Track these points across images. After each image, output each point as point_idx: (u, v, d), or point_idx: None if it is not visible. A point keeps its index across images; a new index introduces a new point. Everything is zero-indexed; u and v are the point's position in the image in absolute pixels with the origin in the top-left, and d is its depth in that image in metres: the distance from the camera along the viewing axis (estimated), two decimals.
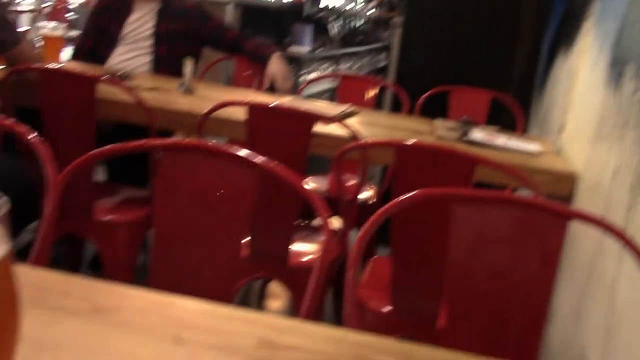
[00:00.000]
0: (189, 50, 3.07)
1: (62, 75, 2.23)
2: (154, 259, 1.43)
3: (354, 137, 1.99)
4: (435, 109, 3.04)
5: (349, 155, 1.89)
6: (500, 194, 1.43)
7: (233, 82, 3.61)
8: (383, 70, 7.35)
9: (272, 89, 3.05)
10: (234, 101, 1.92)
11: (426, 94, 3.21)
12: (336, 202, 2.09)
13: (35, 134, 1.33)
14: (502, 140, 2.35)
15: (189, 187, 1.36)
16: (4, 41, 2.28)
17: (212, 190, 1.34)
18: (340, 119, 2.15)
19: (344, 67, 6.60)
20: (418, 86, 3.28)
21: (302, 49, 5.33)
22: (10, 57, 2.41)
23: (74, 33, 3.74)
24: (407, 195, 1.28)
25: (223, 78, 4.20)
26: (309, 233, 2.29)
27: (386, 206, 1.29)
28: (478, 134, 2.38)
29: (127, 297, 0.88)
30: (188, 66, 2.69)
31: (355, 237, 1.23)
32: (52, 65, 2.57)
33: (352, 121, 2.38)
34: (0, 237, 0.45)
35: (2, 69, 2.71)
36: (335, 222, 2.85)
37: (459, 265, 1.32)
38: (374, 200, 2.89)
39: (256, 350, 0.78)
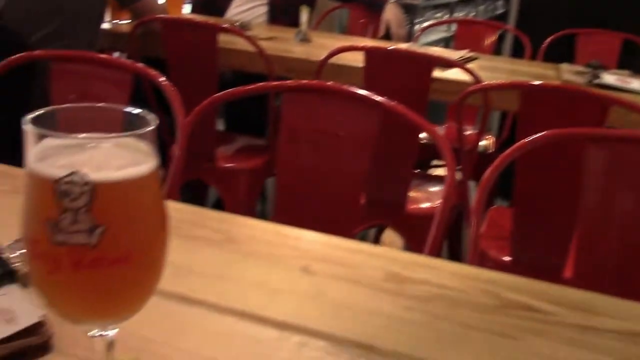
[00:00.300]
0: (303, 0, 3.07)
1: (185, 25, 2.29)
2: (275, 204, 1.45)
3: (475, 81, 1.92)
4: (560, 54, 2.86)
5: (470, 101, 1.83)
6: None
7: (347, 30, 3.58)
8: (501, 18, 7.01)
9: (387, 37, 3.00)
10: (351, 46, 1.90)
11: (550, 38, 3.04)
12: (454, 151, 2.04)
13: (164, 78, 1.38)
14: (638, 84, 2.18)
15: (310, 130, 1.37)
16: None
17: (333, 132, 1.34)
18: (461, 62, 2.08)
19: (459, 15, 6.36)
20: (541, 30, 3.10)
21: None
22: (135, 10, 2.51)
23: None
24: (535, 136, 1.22)
25: (337, 27, 4.17)
26: (425, 181, 2.26)
27: (512, 148, 1.23)
28: (609, 77, 2.22)
29: (258, 229, 0.91)
30: (304, 15, 2.68)
31: (472, 188, 1.19)
32: (175, 16, 2.65)
33: (471, 66, 2.29)
34: (149, 151, 0.46)
35: (128, 22, 2.84)
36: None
37: (591, 212, 1.25)
38: (492, 150, 2.79)
39: (384, 282, 0.77)
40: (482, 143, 2.79)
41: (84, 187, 0.42)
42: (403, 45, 2.75)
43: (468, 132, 2.47)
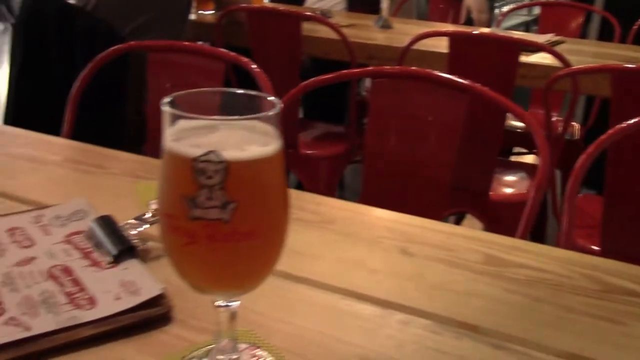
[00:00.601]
0: None
1: (269, 13, 2.34)
2: (362, 190, 1.47)
3: (563, 65, 1.87)
4: None
5: (557, 86, 1.79)
6: None
7: (426, 17, 3.54)
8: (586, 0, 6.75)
9: (468, 23, 2.96)
10: (436, 31, 1.90)
11: None
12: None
13: (256, 65, 1.42)
14: None
15: (398, 116, 1.38)
16: None
17: (421, 117, 1.35)
18: (548, 45, 2.03)
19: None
20: (631, 11, 2.98)
21: None
22: (219, 1, 2.57)
23: None
24: (632, 121, 1.19)
25: (415, 14, 4.14)
26: (507, 168, 2.22)
27: (608, 133, 1.21)
28: None
29: (355, 212, 0.93)
30: (385, 1, 2.68)
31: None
32: (260, 5, 2.70)
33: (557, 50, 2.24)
34: (275, 133, 0.49)
35: (212, 13, 2.91)
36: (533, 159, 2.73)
37: None
38: (577, 137, 2.72)
39: (483, 265, 0.78)
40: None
41: (219, 165, 0.46)
42: (486, 30, 2.71)
43: (553, 119, 2.41)
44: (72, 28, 2.18)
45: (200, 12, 2.89)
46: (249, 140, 0.48)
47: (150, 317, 0.65)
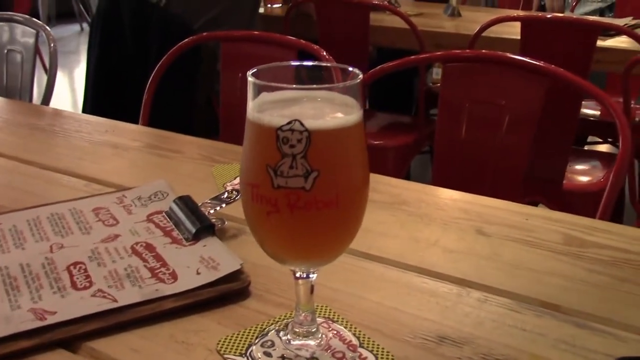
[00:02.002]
0: None
1: (337, 4, 2.34)
2: (432, 178, 1.46)
3: None
4: None
5: (637, 70, 1.72)
6: None
7: (496, 5, 3.47)
8: None
9: (542, 9, 2.88)
10: (507, 16, 1.86)
11: None
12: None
13: (325, 53, 1.43)
14: None
15: (469, 101, 1.36)
16: None
17: (493, 103, 1.33)
18: (628, 29, 1.96)
19: None
20: None
21: None
22: None
23: None
24: None
25: (484, 2, 4.07)
26: (581, 157, 2.16)
27: None
28: None
29: (428, 193, 0.93)
30: None
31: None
32: None
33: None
34: (355, 104, 0.49)
35: (280, 6, 2.95)
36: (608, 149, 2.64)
37: None
38: None
39: (563, 245, 0.77)
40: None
41: (302, 134, 0.46)
42: (559, 15, 2.63)
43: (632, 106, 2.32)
44: (147, 23, 2.25)
45: (268, 5, 2.93)
46: (330, 110, 0.49)
47: (229, 291, 0.66)
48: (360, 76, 0.49)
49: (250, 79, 0.49)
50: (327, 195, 0.48)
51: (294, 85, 0.49)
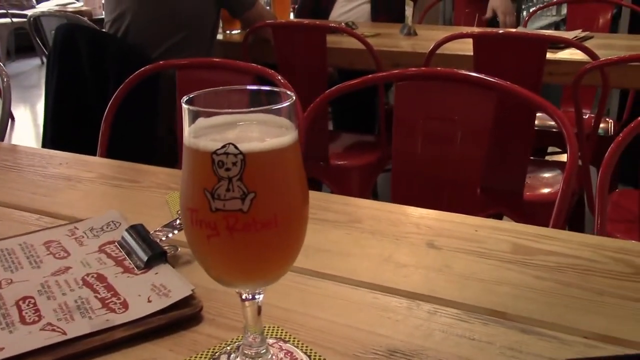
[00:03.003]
0: None
1: (294, 28, 2.37)
2: (391, 194, 1.48)
3: (592, 59, 1.85)
4: None
5: (587, 80, 1.77)
6: None
7: (452, 22, 3.54)
8: None
9: (493, 24, 2.95)
10: (459, 34, 1.90)
11: None
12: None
13: (281, 77, 1.44)
14: None
15: (423, 118, 1.38)
16: (241, 2, 2.49)
17: (446, 118, 1.35)
18: (576, 41, 2.01)
19: None
20: None
21: None
22: (246, 20, 2.62)
23: None
24: None
25: (441, 20, 4.14)
26: (541, 168, 2.20)
27: (637, 120, 1.19)
28: None
29: (381, 210, 0.94)
30: (409, 8, 2.69)
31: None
32: (285, 21, 2.74)
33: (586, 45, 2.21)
34: (289, 125, 0.50)
35: (238, 32, 2.97)
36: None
37: None
38: (612, 133, 2.67)
39: (511, 254, 0.78)
40: (601, 127, 2.67)
41: (237, 157, 0.47)
42: (511, 30, 2.70)
43: (585, 116, 2.38)
44: (104, 54, 2.24)
45: (227, 31, 2.95)
46: (265, 133, 0.50)
47: (181, 317, 0.66)
48: (293, 98, 0.50)
49: (184, 105, 0.50)
50: (265, 216, 0.49)
51: (229, 110, 0.49)
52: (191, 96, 0.52)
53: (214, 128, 0.50)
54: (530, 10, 3.81)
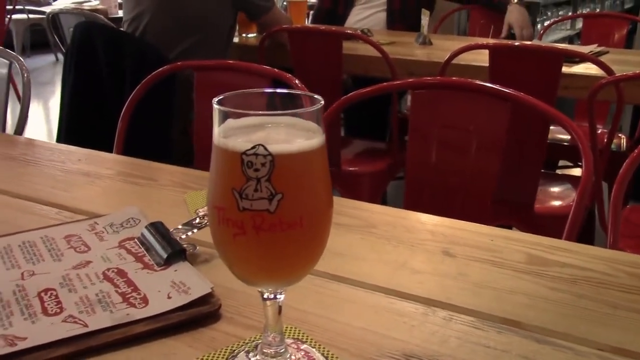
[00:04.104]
0: (421, 4, 3.09)
1: (310, 33, 2.38)
2: (404, 202, 1.48)
3: (607, 74, 1.86)
4: None
5: (601, 96, 1.77)
6: None
7: (467, 33, 3.55)
8: (630, 13, 6.64)
9: (510, 38, 2.95)
10: (475, 44, 1.90)
11: None
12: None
13: (298, 81, 1.46)
14: None
15: (438, 126, 1.39)
16: (259, 6, 2.50)
17: (461, 128, 1.36)
18: (591, 55, 2.02)
19: (582, 12, 6.09)
20: None
21: None
22: (263, 23, 2.64)
23: None
24: None
25: (456, 30, 4.15)
26: (552, 181, 2.20)
27: None
28: None
29: (397, 217, 0.95)
30: (425, 18, 2.70)
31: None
32: (301, 26, 2.75)
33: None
34: (317, 128, 0.51)
35: (254, 36, 2.98)
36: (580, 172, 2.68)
37: None
38: (624, 149, 2.67)
39: (526, 264, 0.79)
40: (613, 142, 2.67)
41: (266, 158, 0.48)
42: (527, 42, 2.70)
43: (598, 131, 2.38)
44: (121, 53, 2.27)
45: (243, 35, 2.97)
46: (293, 135, 0.51)
47: (199, 314, 0.67)
48: (321, 102, 0.51)
49: (215, 106, 0.51)
50: (291, 217, 0.50)
51: (259, 112, 0.51)
52: (221, 97, 0.53)
53: (243, 129, 0.51)
54: (545, 24, 3.81)
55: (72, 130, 2.33)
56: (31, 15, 7.37)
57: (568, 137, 2.68)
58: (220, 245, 0.53)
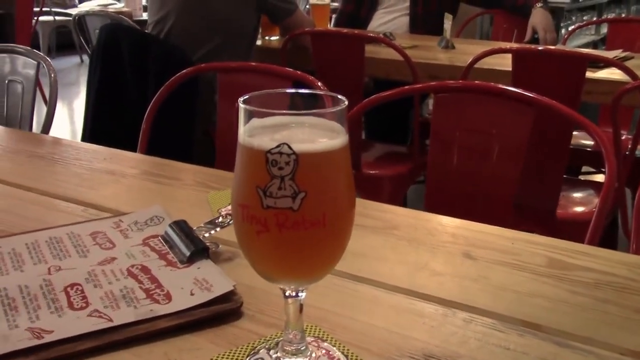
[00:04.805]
0: (444, 7, 3.08)
1: (333, 36, 2.39)
2: (425, 205, 1.48)
3: (632, 79, 1.84)
4: None
5: (626, 101, 1.76)
6: None
7: (490, 37, 3.54)
8: None
9: (534, 42, 2.94)
10: (499, 49, 1.90)
11: None
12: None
13: (320, 83, 1.47)
14: None
15: (460, 130, 1.39)
16: (282, 9, 2.52)
17: (484, 132, 1.36)
18: (616, 60, 2.00)
19: (608, 17, 6.03)
20: None
21: None
22: (286, 26, 2.65)
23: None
24: None
25: (479, 34, 4.14)
26: (575, 187, 2.18)
27: None
28: None
29: (418, 219, 0.95)
30: (448, 22, 2.70)
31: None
32: (323, 29, 2.77)
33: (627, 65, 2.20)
34: (340, 129, 0.52)
35: (277, 38, 3.00)
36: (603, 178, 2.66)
37: None
38: None
39: (547, 268, 0.79)
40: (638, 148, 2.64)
41: (290, 157, 0.49)
42: (551, 47, 2.68)
43: (622, 137, 2.36)
44: (146, 54, 2.30)
45: (266, 37, 2.98)
46: (316, 135, 0.52)
47: (221, 311, 0.68)
48: (346, 102, 0.52)
49: (241, 105, 0.52)
50: (314, 215, 0.50)
51: (283, 111, 0.51)
52: (247, 97, 0.54)
53: (268, 128, 0.52)
54: (570, 29, 3.79)
55: (96, 130, 2.36)
56: (57, 17, 7.48)
57: (592, 142, 2.65)
58: (243, 242, 0.54)
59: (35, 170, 1.16)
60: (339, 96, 0.53)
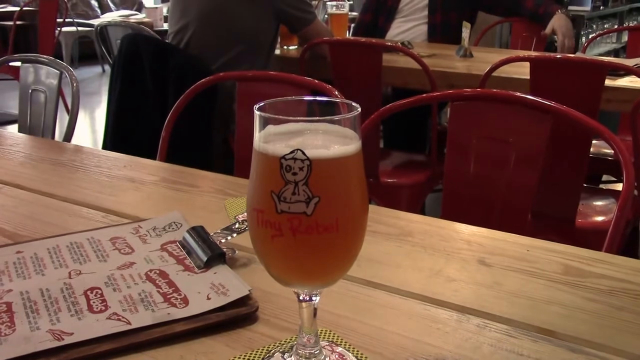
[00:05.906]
0: (462, 16, 3.09)
1: (351, 45, 2.41)
2: (442, 213, 1.48)
3: None
4: None
5: None
6: None
7: (509, 46, 3.53)
8: None
9: (551, 47, 2.93)
10: (516, 57, 1.90)
11: None
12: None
13: (337, 92, 1.48)
14: None
15: (477, 138, 1.39)
16: (300, 19, 2.54)
17: (500, 140, 1.36)
18: (636, 68, 1.99)
19: (629, 24, 5.98)
20: None
21: (583, 7, 4.97)
22: (304, 36, 2.67)
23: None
24: None
25: (497, 43, 4.13)
26: (594, 195, 2.16)
27: None
28: None
29: (432, 225, 0.95)
30: (466, 30, 2.70)
31: None
32: (341, 38, 2.78)
33: None
34: (353, 135, 0.53)
35: (295, 48, 3.02)
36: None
37: None
38: None
39: (562, 275, 0.79)
40: None
41: (304, 162, 0.50)
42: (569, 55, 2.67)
43: None
44: (166, 64, 2.33)
45: (284, 47, 3.01)
46: (330, 141, 0.53)
47: (237, 315, 0.69)
48: (359, 109, 0.53)
49: (257, 112, 0.53)
50: (328, 220, 0.51)
51: (297, 118, 0.52)
52: (262, 104, 0.55)
53: (282, 135, 0.53)
54: (590, 37, 3.76)
55: (117, 137, 2.39)
56: (80, 28, 7.60)
57: (612, 151, 2.63)
58: (258, 246, 0.55)
59: (57, 177, 1.18)
60: (352, 103, 0.54)
